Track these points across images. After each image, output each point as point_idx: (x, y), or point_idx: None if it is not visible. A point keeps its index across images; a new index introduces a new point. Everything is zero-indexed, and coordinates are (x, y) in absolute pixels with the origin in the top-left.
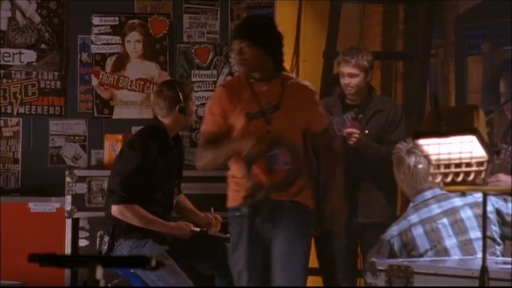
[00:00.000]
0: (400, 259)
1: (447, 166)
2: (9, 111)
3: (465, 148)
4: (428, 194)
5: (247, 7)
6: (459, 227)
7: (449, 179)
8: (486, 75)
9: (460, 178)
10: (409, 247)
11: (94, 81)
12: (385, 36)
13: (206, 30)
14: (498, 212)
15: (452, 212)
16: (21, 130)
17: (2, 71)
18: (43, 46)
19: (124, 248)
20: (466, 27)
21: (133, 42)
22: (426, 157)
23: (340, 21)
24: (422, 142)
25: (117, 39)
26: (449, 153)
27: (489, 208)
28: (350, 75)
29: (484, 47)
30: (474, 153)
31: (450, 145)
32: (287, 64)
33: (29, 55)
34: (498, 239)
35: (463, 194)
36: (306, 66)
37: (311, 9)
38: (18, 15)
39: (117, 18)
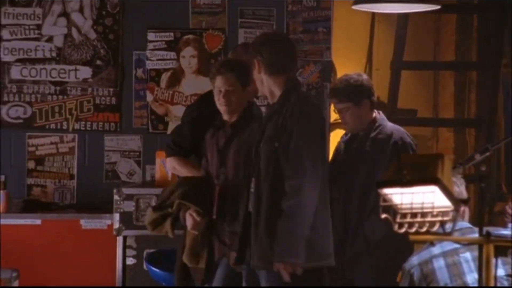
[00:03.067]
0: None
1: (413, 215)
2: (64, 127)
3: (427, 198)
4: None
5: (303, 21)
6: None
7: (413, 229)
8: None
9: (424, 229)
10: (428, 279)
11: (149, 97)
12: (459, 45)
13: None
14: None
15: (476, 247)
16: (76, 146)
17: (58, 88)
18: (98, 62)
19: None
20: None
21: (188, 57)
22: (393, 206)
23: (416, 30)
24: (386, 191)
25: (172, 54)
26: (411, 203)
27: None
28: None
29: None
30: (436, 203)
31: (413, 195)
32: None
33: (85, 72)
34: None
35: (431, 243)
36: (379, 74)
37: (384, 19)
38: (74, 31)
39: (172, 34)
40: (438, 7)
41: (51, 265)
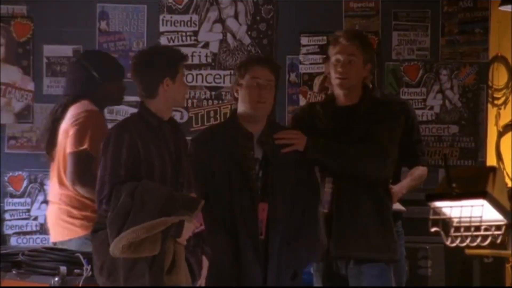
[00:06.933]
0: None
1: (467, 229)
2: None
3: (476, 212)
4: None
5: (459, 22)
6: None
7: (465, 243)
8: None
9: (475, 243)
10: None
11: (302, 101)
12: None
13: (415, 47)
14: None
15: None
16: None
17: (213, 93)
18: None
19: None
20: None
21: None
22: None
23: None
24: (437, 204)
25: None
26: (460, 217)
27: None
28: None
29: None
30: (487, 217)
31: (461, 209)
32: None
33: None
34: None
35: None
36: None
37: None
38: (229, 37)
39: (325, 38)
40: None
41: None
